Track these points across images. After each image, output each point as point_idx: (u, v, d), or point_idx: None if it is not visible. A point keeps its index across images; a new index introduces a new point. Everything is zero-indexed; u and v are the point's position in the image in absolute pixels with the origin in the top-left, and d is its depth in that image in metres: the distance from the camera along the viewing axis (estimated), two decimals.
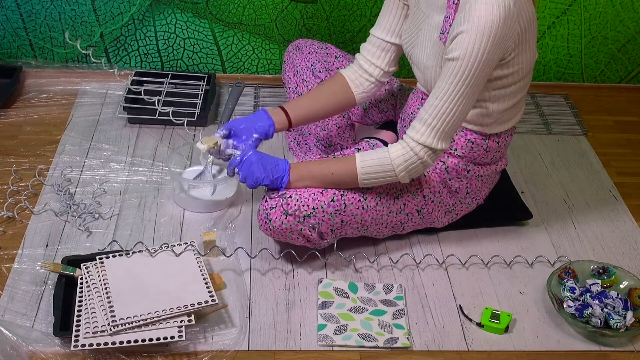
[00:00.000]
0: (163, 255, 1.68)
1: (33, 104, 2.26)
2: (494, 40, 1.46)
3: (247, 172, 1.66)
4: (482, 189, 1.82)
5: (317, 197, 1.66)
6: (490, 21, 1.44)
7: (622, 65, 2.54)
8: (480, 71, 1.49)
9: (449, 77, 1.51)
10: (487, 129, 1.70)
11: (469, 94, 1.52)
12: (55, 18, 2.31)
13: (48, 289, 1.65)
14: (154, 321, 1.50)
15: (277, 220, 1.65)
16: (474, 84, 1.51)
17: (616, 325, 1.61)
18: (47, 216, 1.85)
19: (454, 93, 1.52)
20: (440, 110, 1.54)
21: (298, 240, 1.69)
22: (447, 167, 1.75)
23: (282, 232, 1.67)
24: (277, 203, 1.65)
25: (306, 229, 1.66)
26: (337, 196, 1.67)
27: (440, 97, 1.53)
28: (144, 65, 2.43)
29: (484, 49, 1.46)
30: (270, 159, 1.68)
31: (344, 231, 1.72)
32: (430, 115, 1.55)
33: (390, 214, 1.74)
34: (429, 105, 1.55)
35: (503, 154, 1.80)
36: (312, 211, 1.65)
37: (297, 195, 1.65)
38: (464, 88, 1.51)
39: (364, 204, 1.69)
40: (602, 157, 2.25)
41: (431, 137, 1.56)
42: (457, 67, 1.49)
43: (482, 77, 1.52)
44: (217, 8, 2.32)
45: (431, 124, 1.55)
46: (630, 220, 2.01)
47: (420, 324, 1.65)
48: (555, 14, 2.41)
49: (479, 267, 1.81)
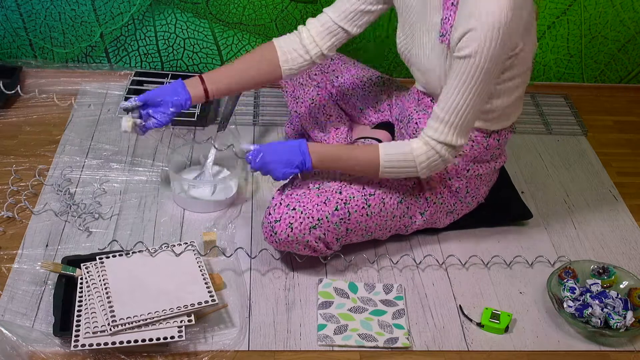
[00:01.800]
0: (163, 255, 1.67)
1: (33, 104, 2.26)
2: (505, 34, 1.46)
3: (266, 169, 1.63)
4: (481, 188, 1.82)
5: (321, 207, 1.65)
6: (499, 14, 1.44)
7: (622, 65, 2.54)
8: (493, 65, 1.50)
9: (462, 75, 1.51)
10: (489, 125, 1.70)
11: (482, 89, 1.53)
12: (55, 18, 2.31)
13: (48, 289, 1.65)
14: (154, 321, 1.50)
15: (283, 233, 1.64)
16: (487, 78, 1.51)
17: (616, 325, 1.61)
18: (47, 216, 1.85)
19: (468, 89, 1.52)
20: (457, 107, 1.54)
21: (304, 251, 1.69)
22: (446, 167, 1.75)
23: (288, 244, 1.66)
24: (281, 216, 1.64)
25: (312, 240, 1.66)
26: (341, 205, 1.66)
27: (455, 94, 1.53)
28: (144, 65, 2.43)
29: (495, 43, 1.46)
30: (283, 146, 1.64)
31: (350, 239, 1.72)
32: (447, 113, 1.55)
33: (394, 219, 1.75)
34: (443, 103, 1.55)
35: (502, 151, 1.80)
36: (317, 222, 1.64)
37: (300, 207, 1.64)
38: (478, 84, 1.51)
39: (368, 210, 1.69)
40: (602, 157, 2.25)
41: (450, 135, 1.57)
42: (471, 64, 1.49)
43: (495, 71, 1.52)
44: (217, 8, 2.32)
45: (449, 121, 1.56)
46: (630, 220, 2.01)
47: (420, 324, 1.65)
48: (555, 14, 2.41)
49: (479, 267, 1.81)
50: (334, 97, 2.04)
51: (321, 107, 2.01)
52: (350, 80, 2.03)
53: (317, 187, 1.68)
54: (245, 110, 2.31)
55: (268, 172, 1.64)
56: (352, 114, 2.06)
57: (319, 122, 2.00)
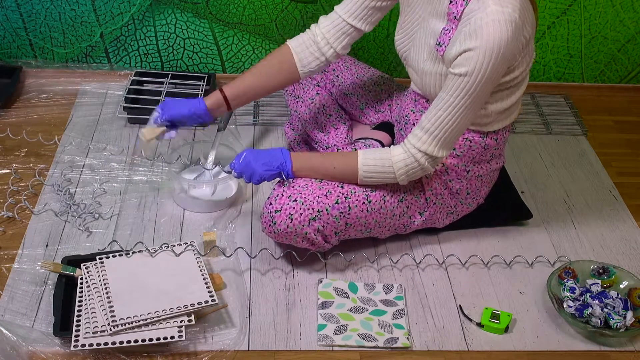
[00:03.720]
0: (163, 255, 1.68)
1: (33, 104, 2.26)
2: (503, 57, 1.46)
3: (245, 170, 1.67)
4: (482, 189, 1.82)
5: (322, 199, 1.65)
6: (499, 39, 1.43)
7: (622, 65, 2.54)
8: (486, 86, 1.50)
9: (454, 91, 1.51)
10: (485, 128, 1.70)
11: (472, 106, 1.53)
12: (55, 18, 2.31)
13: (48, 289, 1.65)
14: (154, 321, 1.50)
15: (282, 224, 1.64)
16: (478, 97, 1.51)
17: (616, 325, 1.61)
18: (47, 216, 1.85)
19: (458, 106, 1.52)
20: (444, 121, 1.54)
21: (302, 244, 1.69)
22: (447, 168, 1.75)
23: (286, 236, 1.66)
24: (281, 206, 1.65)
25: (311, 232, 1.66)
26: (342, 199, 1.67)
27: (444, 108, 1.53)
28: (144, 65, 2.43)
29: (492, 65, 1.46)
30: (266, 152, 1.68)
31: (348, 233, 1.72)
32: (433, 125, 1.55)
33: (393, 217, 1.75)
34: (431, 115, 1.55)
35: (501, 151, 1.80)
36: (317, 214, 1.65)
37: (302, 198, 1.65)
38: (469, 102, 1.51)
39: (368, 206, 1.69)
40: (602, 157, 2.25)
41: (432, 146, 1.57)
42: (465, 82, 1.49)
43: (487, 91, 1.52)
44: (217, 8, 2.32)
45: (433, 132, 1.56)
46: (630, 220, 2.01)
47: (420, 324, 1.65)
48: (555, 14, 2.40)
49: (479, 267, 1.81)
50: (334, 96, 2.04)
51: (321, 107, 2.01)
52: (351, 79, 2.03)
53: (320, 180, 1.69)
54: (245, 110, 2.31)
55: (250, 173, 1.67)
56: (352, 113, 2.06)
57: (318, 122, 2.00)
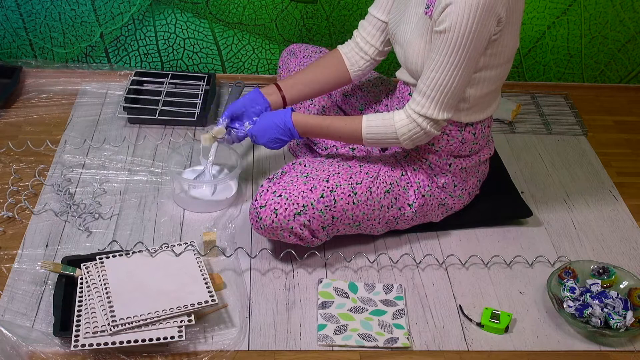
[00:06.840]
0: (163, 255, 1.68)
1: (33, 104, 2.26)
2: (482, 9, 1.46)
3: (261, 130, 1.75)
4: (469, 180, 1.82)
5: (307, 194, 1.66)
6: None
7: (622, 65, 2.54)
8: (472, 41, 1.49)
9: (441, 49, 1.52)
10: (462, 116, 1.69)
11: (463, 65, 1.53)
12: (55, 18, 2.31)
13: (48, 289, 1.65)
14: (154, 321, 1.50)
15: (268, 219, 1.65)
16: (467, 54, 1.51)
17: (616, 325, 1.61)
18: (47, 216, 1.85)
19: (448, 64, 1.53)
20: (437, 82, 1.55)
21: (290, 239, 1.69)
22: (430, 164, 1.75)
23: (272, 231, 1.67)
24: (266, 202, 1.65)
25: (297, 227, 1.66)
26: (327, 192, 1.67)
27: (436, 69, 1.54)
28: (144, 65, 2.43)
29: (473, 17, 1.46)
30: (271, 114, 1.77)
31: (336, 228, 1.72)
32: (428, 87, 1.57)
33: (382, 209, 1.74)
34: (425, 77, 1.57)
35: (482, 145, 1.79)
36: (302, 209, 1.65)
37: (286, 194, 1.65)
38: (458, 59, 1.52)
39: (354, 198, 1.69)
40: (602, 157, 2.25)
41: (432, 109, 1.58)
42: (448, 38, 1.49)
43: (476, 48, 1.52)
44: (217, 8, 2.32)
45: (430, 95, 1.57)
46: (630, 220, 2.01)
47: (420, 324, 1.65)
48: (555, 14, 2.41)
49: (479, 267, 1.81)
50: (334, 98, 2.04)
51: (320, 108, 2.01)
52: None
53: (305, 176, 1.69)
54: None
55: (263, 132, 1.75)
56: (351, 114, 2.06)
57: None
